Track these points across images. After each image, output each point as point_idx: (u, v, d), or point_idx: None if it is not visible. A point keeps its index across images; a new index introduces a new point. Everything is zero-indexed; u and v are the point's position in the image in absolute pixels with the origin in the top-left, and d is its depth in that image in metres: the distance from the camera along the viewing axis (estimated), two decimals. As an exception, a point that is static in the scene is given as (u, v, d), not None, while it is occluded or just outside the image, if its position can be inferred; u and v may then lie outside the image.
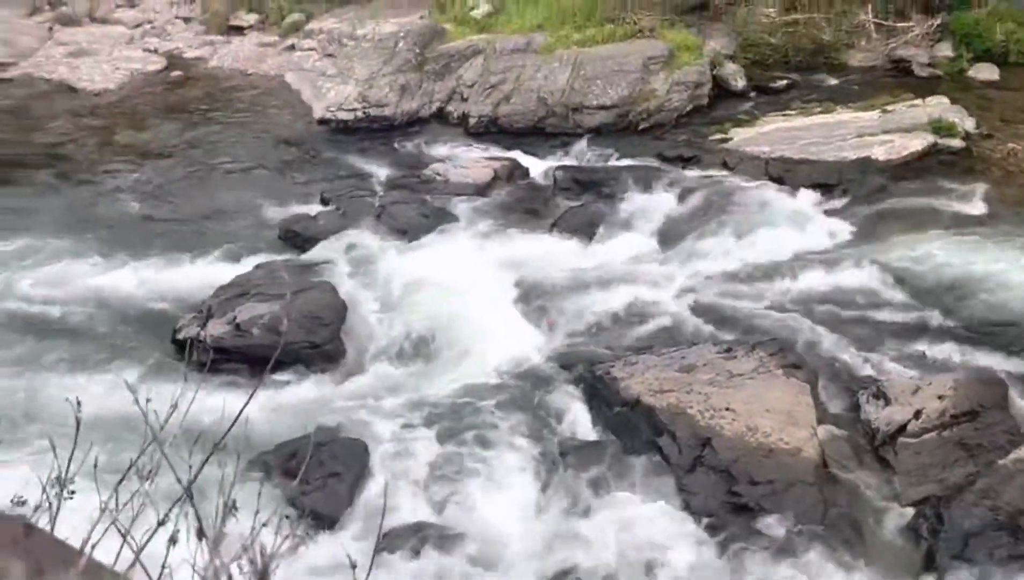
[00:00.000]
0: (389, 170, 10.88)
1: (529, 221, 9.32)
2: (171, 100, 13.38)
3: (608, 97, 11.54)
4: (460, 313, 7.50)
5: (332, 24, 14.59)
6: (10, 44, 14.89)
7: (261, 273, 8.19)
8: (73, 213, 9.82)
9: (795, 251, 8.40)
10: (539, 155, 11.00)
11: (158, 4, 17.15)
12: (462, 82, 12.45)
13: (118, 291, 8.14)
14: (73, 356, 7.10)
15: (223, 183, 10.71)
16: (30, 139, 11.94)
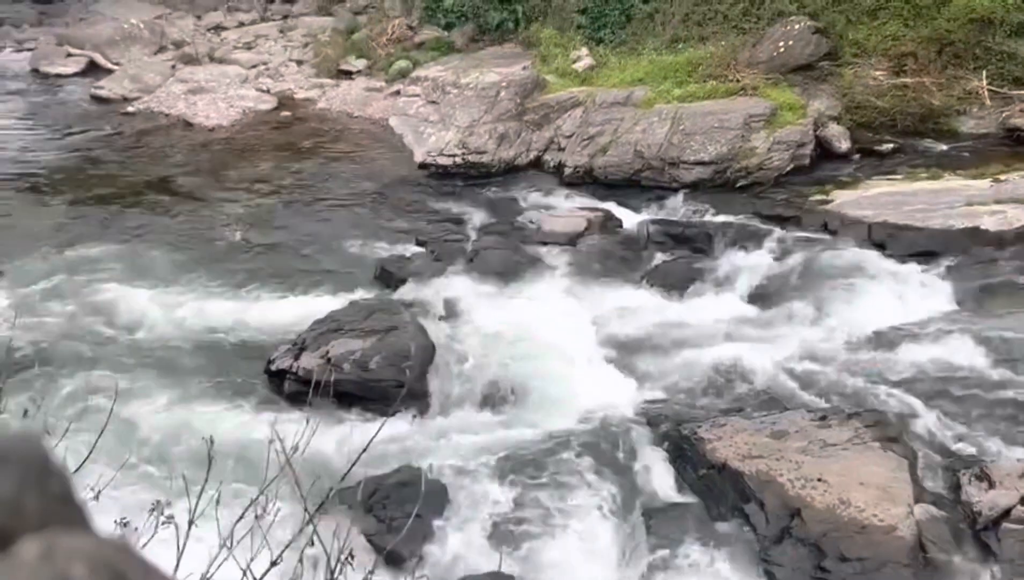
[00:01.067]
0: (484, 216, 11.02)
1: (620, 273, 9.29)
2: (280, 138, 13.92)
3: (707, 153, 11.48)
4: (547, 361, 7.49)
5: (437, 72, 14.98)
6: (137, 80, 15.80)
7: (355, 310, 8.35)
8: (181, 241, 10.26)
9: (896, 320, 8.11)
10: (633, 207, 10.98)
11: (273, 47, 17.96)
12: (560, 132, 12.58)
13: (218, 318, 8.44)
14: (174, 380, 7.36)
15: (324, 220, 11.04)
16: (146, 169, 12.58)
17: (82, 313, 8.48)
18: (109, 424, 2.79)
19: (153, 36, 17.98)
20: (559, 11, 15.39)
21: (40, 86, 16.26)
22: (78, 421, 2.65)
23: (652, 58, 13.65)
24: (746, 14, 13.79)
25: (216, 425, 5.79)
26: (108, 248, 9.90)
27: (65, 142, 13.51)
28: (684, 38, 13.95)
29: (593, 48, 14.47)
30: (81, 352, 7.81)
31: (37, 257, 9.52)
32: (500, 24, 15.83)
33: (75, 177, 12.26)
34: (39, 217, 10.78)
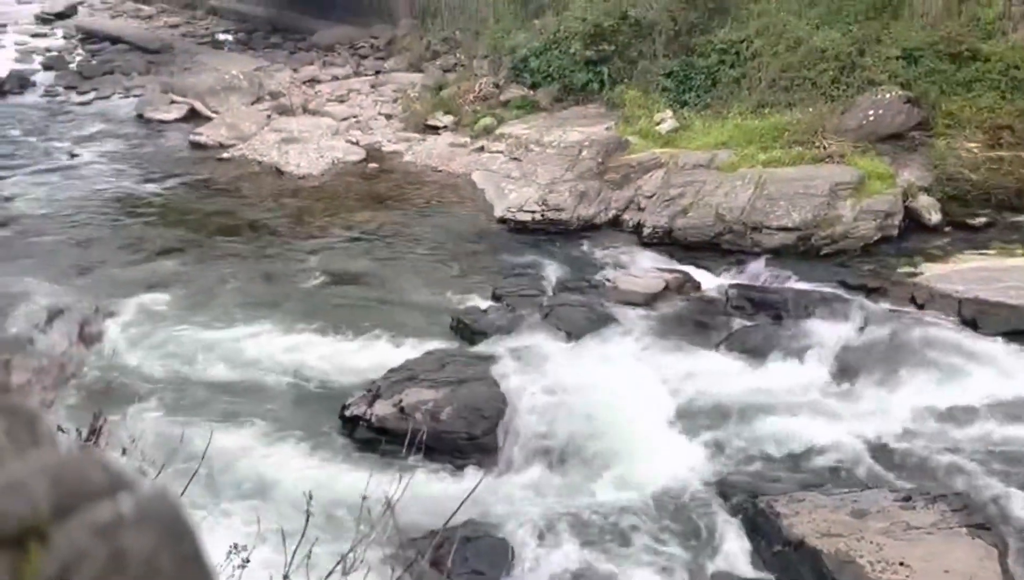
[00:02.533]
0: (560, 272, 11.04)
1: (697, 336, 9.15)
2: (366, 189, 14.28)
3: (791, 219, 11.31)
4: (619, 423, 7.38)
5: (521, 130, 15.21)
6: (234, 128, 16.48)
7: (430, 359, 8.43)
8: (266, 284, 10.56)
9: (987, 400, 7.77)
10: (713, 270, 10.86)
11: (364, 101, 18.53)
12: (641, 193, 12.58)
13: (299, 360, 8.61)
14: (253, 421, 7.50)
15: (403, 269, 11.22)
16: (237, 213, 13.04)
17: (169, 351, 8.75)
18: (183, 462, 2.85)
19: (251, 87, 18.77)
20: (644, 73, 15.52)
21: (144, 130, 17.08)
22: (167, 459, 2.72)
23: (737, 122, 13.60)
24: (835, 82, 13.66)
25: (292, 469, 5.88)
26: (197, 289, 10.24)
27: (163, 185, 14.12)
28: (771, 103, 13.88)
29: (677, 110, 14.51)
30: (169, 390, 8.04)
31: (131, 296, 9.90)
32: (585, 85, 16.03)
33: (170, 219, 12.78)
34: (134, 257, 11.25)
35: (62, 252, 11.22)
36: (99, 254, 11.21)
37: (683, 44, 15.43)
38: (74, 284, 10.13)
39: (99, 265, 10.83)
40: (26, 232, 11.73)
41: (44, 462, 0.39)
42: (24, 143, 15.62)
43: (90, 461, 0.41)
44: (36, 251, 11.16)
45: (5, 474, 0.37)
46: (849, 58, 13.63)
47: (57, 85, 19.74)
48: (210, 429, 6.75)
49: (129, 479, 0.40)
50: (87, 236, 11.80)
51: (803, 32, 14.16)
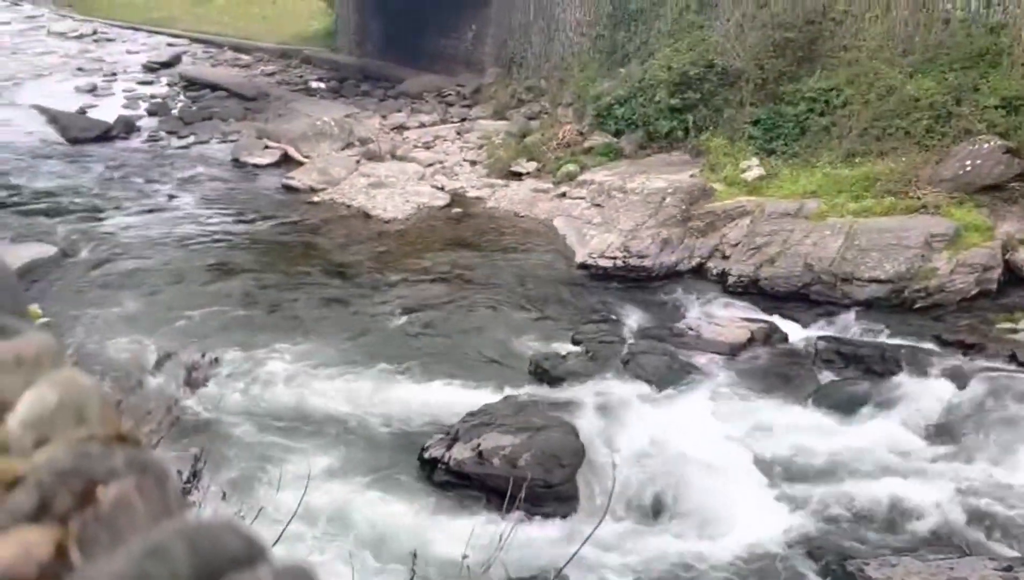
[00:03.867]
0: (642, 319, 10.94)
1: (784, 390, 8.91)
2: (449, 233, 14.49)
3: (882, 271, 10.97)
4: (701, 477, 7.21)
5: (604, 176, 15.24)
6: (324, 172, 16.99)
7: (508, 404, 8.42)
8: (350, 325, 10.75)
9: (1098, 466, 7.31)
10: (800, 322, 10.59)
11: (450, 147, 18.90)
12: (725, 241, 12.42)
13: (380, 401, 8.71)
14: (336, 460, 7.60)
15: (483, 312, 11.29)
16: (325, 255, 13.38)
17: (259, 392, 8.95)
18: (272, 505, 2.88)
19: (342, 133, 19.36)
20: (730, 121, 15.41)
21: (239, 174, 17.76)
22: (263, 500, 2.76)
23: (826, 171, 13.35)
24: (930, 131, 13.30)
25: (373, 512, 5.91)
26: (285, 330, 10.50)
27: (256, 226, 14.61)
28: (861, 152, 13.58)
29: (764, 158, 14.33)
30: (258, 430, 8.20)
31: (223, 337, 10.19)
32: (669, 132, 16.00)
33: (261, 261, 13.19)
34: (227, 297, 11.62)
35: (160, 291, 11.67)
36: (194, 294, 11.62)
37: (770, 92, 15.29)
38: (171, 324, 10.51)
39: (194, 305, 11.21)
40: (127, 272, 12.26)
41: (181, 527, 0.40)
42: (128, 185, 16.42)
43: (227, 527, 0.41)
44: (137, 291, 11.64)
45: (145, 539, 0.38)
46: (944, 107, 13.26)
47: (160, 130, 20.74)
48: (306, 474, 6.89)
49: (265, 548, 0.41)
50: (184, 276, 12.26)
51: (895, 80, 13.86)
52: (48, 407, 0.54)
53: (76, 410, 0.54)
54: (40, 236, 13.22)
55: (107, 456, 0.50)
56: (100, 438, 0.52)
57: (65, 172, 17.03)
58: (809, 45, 15.23)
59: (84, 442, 0.51)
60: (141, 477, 0.50)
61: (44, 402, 0.54)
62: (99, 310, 10.39)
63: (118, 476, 0.49)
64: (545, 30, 20.63)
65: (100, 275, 12.08)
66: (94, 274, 12.09)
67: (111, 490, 0.49)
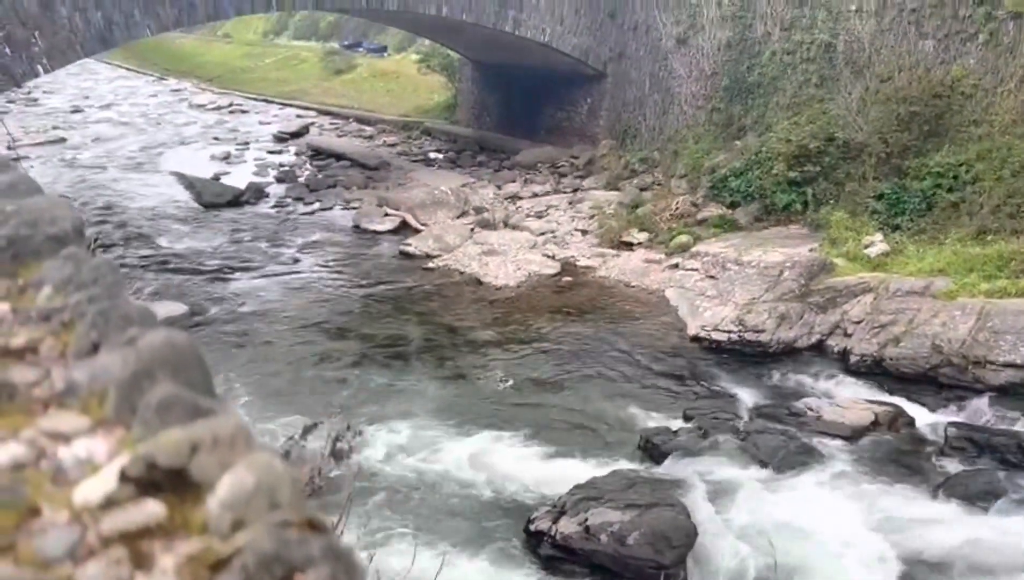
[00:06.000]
0: (757, 396, 10.61)
1: (911, 478, 8.42)
2: (559, 301, 14.53)
3: (1019, 355, 10.33)
4: (822, 569, 6.84)
5: (718, 248, 15.05)
6: (440, 240, 17.42)
7: (616, 479, 8.25)
8: (459, 390, 10.84)
9: None
10: (928, 406, 10.06)
11: (562, 217, 19.09)
12: (847, 318, 11.99)
13: (487, 470, 8.69)
14: (442, 528, 7.59)
15: (593, 383, 11.19)
16: (438, 319, 13.62)
17: (378, 458, 9.00)
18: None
19: (458, 202, 19.86)
20: (852, 195, 15.03)
21: (359, 240, 18.41)
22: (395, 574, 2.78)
23: (955, 248, 12.78)
24: (1070, 208, 12.60)
25: None
26: (398, 394, 10.68)
27: (372, 291, 15.04)
28: (994, 230, 12.97)
29: (888, 234, 13.86)
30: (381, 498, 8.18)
31: (344, 404, 10.41)
32: (787, 205, 15.72)
33: (377, 324, 13.53)
34: (344, 361, 11.93)
35: (283, 354, 12.09)
36: (315, 357, 11.99)
37: (894, 166, 14.86)
38: (295, 387, 10.84)
39: (315, 368, 11.57)
40: (252, 332, 12.79)
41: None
42: (255, 248, 17.23)
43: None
44: (260, 352, 12.11)
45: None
46: (1084, 183, 12.56)
47: (287, 197, 21.78)
48: (399, 535, 6.91)
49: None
50: (305, 339, 12.68)
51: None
52: (246, 490, 0.55)
53: (271, 493, 0.55)
54: (172, 295, 13.97)
55: (305, 543, 0.51)
56: (295, 524, 0.53)
57: (197, 234, 18.04)
58: (936, 119, 14.78)
59: (281, 527, 0.53)
60: (336, 566, 0.50)
61: (242, 484, 0.56)
62: (226, 371, 10.83)
63: (315, 565, 0.50)
64: (660, 103, 20.77)
65: (226, 334, 12.63)
66: (220, 334, 12.65)
67: (309, 578, 0.49)
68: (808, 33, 17.18)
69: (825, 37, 16.85)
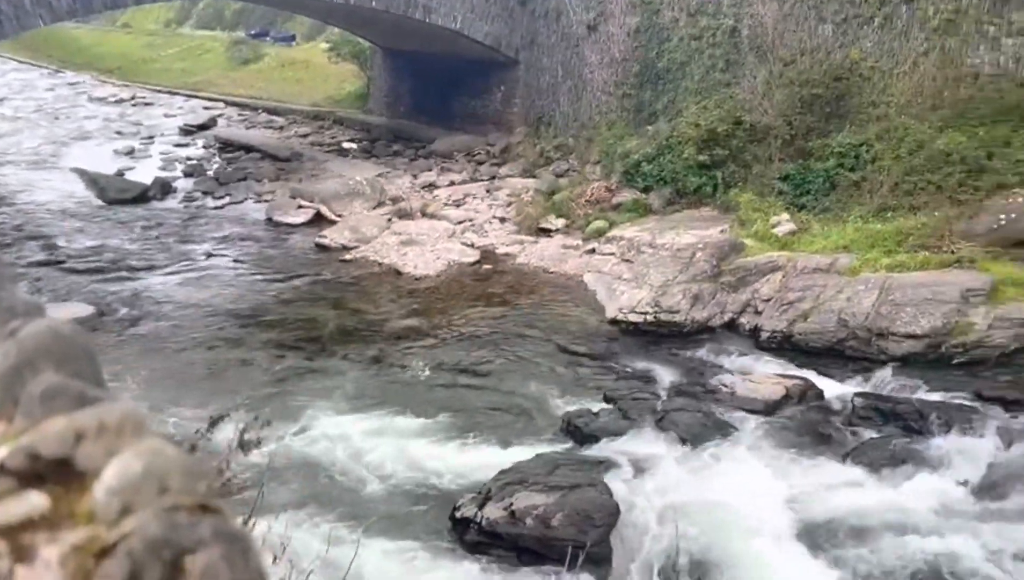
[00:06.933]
0: (674, 375, 10.85)
1: (821, 447, 8.75)
2: (479, 290, 14.55)
3: (918, 326, 10.83)
4: (738, 538, 7.06)
5: (633, 232, 15.29)
6: (356, 231, 17.20)
7: (540, 463, 8.32)
8: (379, 384, 10.75)
9: None
10: (835, 378, 10.45)
11: (480, 205, 19.09)
12: (758, 296, 12.34)
13: (410, 460, 8.65)
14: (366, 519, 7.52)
15: (514, 370, 11.25)
16: (357, 312, 13.47)
17: (293, 451, 8.90)
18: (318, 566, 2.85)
19: (373, 192, 19.64)
20: (760, 177, 15.45)
21: (272, 233, 18.03)
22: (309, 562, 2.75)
23: (858, 226, 13.28)
24: (962, 185, 13.22)
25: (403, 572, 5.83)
26: (318, 387, 10.53)
27: (288, 285, 14.78)
28: (893, 207, 13.52)
29: (794, 213, 14.31)
30: (298, 489, 8.09)
31: (256, 395, 10.24)
32: (698, 188, 16.06)
33: (294, 318, 13.30)
34: (260, 355, 11.69)
35: (196, 350, 11.78)
36: (230, 353, 11.72)
37: (799, 148, 15.34)
38: (209, 383, 10.59)
39: (230, 364, 11.31)
40: (163, 331, 12.41)
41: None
42: (164, 245, 16.71)
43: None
44: (173, 350, 11.77)
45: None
46: (976, 161, 13.20)
47: (195, 191, 21.17)
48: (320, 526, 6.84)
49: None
50: (220, 335, 12.38)
51: (925, 135, 13.85)
52: (133, 476, 0.54)
53: (160, 479, 0.54)
54: (78, 296, 13.45)
55: (195, 526, 0.50)
56: (185, 507, 0.52)
57: (102, 233, 17.39)
58: (837, 101, 15.32)
59: (170, 511, 0.52)
60: (228, 547, 0.50)
61: (129, 470, 0.55)
62: (136, 370, 10.50)
63: (206, 546, 0.50)
64: (573, 90, 20.93)
65: (137, 335, 12.24)
66: (131, 333, 12.25)
67: (199, 560, 0.49)
68: (714, 18, 17.57)
69: (730, 22, 17.26)
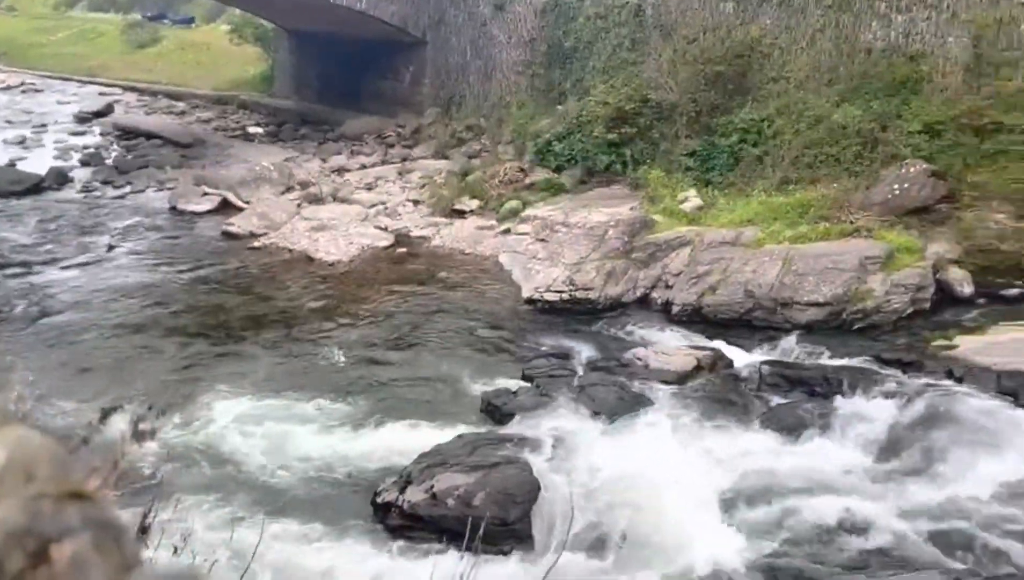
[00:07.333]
0: (590, 351, 11.01)
1: (731, 415, 9.02)
2: (394, 273, 14.44)
3: (820, 294, 11.25)
4: (655, 506, 7.23)
5: (546, 212, 15.40)
6: (265, 217, 16.83)
7: (460, 443, 8.35)
8: (296, 374, 10.58)
9: (1034, 475, 7.53)
10: (744, 347, 10.78)
11: (392, 188, 18.91)
12: (668, 271, 12.61)
13: (330, 449, 8.56)
14: (285, 508, 7.44)
15: (432, 352, 11.23)
16: (269, 300, 13.20)
17: (205, 442, 8.73)
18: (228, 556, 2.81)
19: (281, 177, 19.23)
20: (667, 154, 15.75)
21: (177, 222, 17.49)
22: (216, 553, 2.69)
23: (762, 199, 13.69)
24: (858, 157, 13.76)
25: (326, 560, 5.78)
26: (230, 378, 10.29)
27: (195, 275, 14.37)
28: (794, 180, 13.99)
29: (701, 189, 14.65)
30: (204, 480, 7.99)
31: (167, 388, 9.96)
32: (608, 166, 16.27)
33: (204, 309, 12.96)
34: (169, 347, 11.35)
35: (100, 344, 11.37)
36: (135, 346, 11.35)
37: (704, 124, 15.68)
38: (113, 377, 10.24)
39: (136, 357, 10.95)
40: (65, 326, 11.92)
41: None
42: (62, 237, 16.03)
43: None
44: (76, 345, 11.32)
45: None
46: (871, 134, 13.75)
47: (94, 180, 20.34)
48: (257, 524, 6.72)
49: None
50: (124, 328, 11.96)
51: (823, 109, 14.35)
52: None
53: (26, 468, 0.53)
54: (-30, 293, 12.81)
55: (60, 514, 0.50)
56: (52, 496, 0.51)
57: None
58: (739, 78, 15.70)
59: (36, 500, 0.51)
60: (98, 534, 0.49)
61: (-8, 462, 0.53)
62: (37, 366, 10.07)
63: (73, 534, 0.49)
64: (482, 70, 20.89)
65: (37, 330, 11.73)
66: (30, 330, 11.74)
67: (66, 548, 0.48)
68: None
69: (634, 1, 17.47)
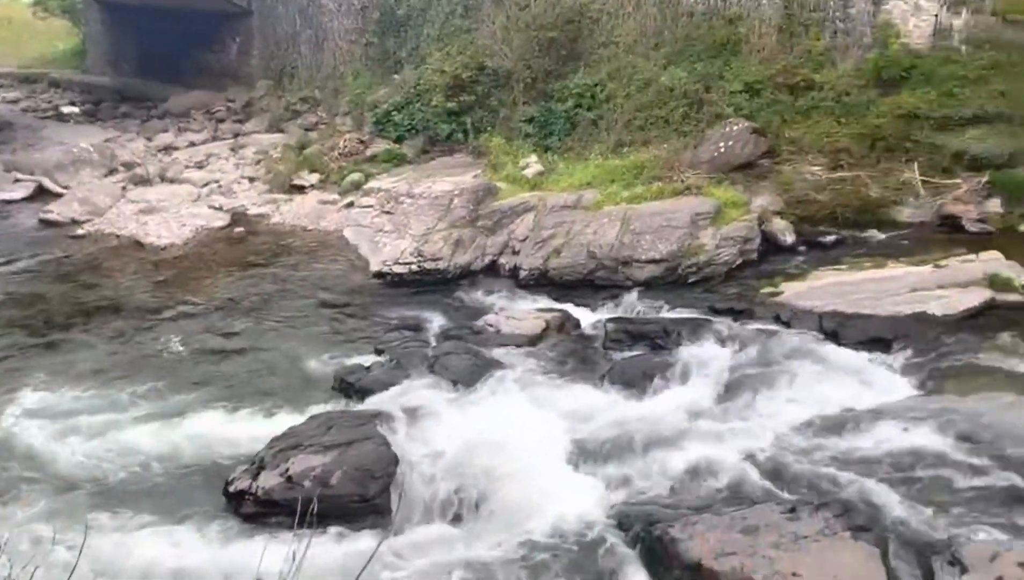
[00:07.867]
0: (442, 321, 11.03)
1: (581, 373, 9.29)
2: (233, 254, 13.90)
3: (657, 251, 11.73)
4: (512, 468, 7.36)
5: (390, 183, 15.22)
6: (87, 202, 15.76)
7: (315, 424, 8.19)
8: (130, 363, 10.04)
9: (854, 407, 8.19)
10: (590, 307, 11.10)
11: (225, 165, 18.12)
12: (514, 237, 12.78)
13: (173, 441, 8.20)
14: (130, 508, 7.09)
15: (280, 334, 10.93)
16: (96, 291, 12.41)
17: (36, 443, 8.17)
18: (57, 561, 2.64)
19: (103, 159, 18.05)
20: (506, 121, 15.87)
21: (-13, 212, 16.11)
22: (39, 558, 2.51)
23: (598, 162, 14.06)
24: (686, 118, 14.35)
25: (177, 555, 5.55)
26: (60, 374, 9.65)
27: (10, 268, 13.31)
28: (628, 142, 14.44)
29: (541, 155, 14.87)
30: (38, 483, 7.50)
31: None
32: (450, 135, 16.24)
33: (24, 303, 12.03)
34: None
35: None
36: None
37: (541, 91, 15.90)
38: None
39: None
40: None
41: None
42: None
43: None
44: None
45: None
46: (696, 95, 14.36)
47: None
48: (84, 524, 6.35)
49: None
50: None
51: (651, 73, 14.85)
52: None
53: None
54: None
55: None
56: None
57: None
58: (571, 43, 15.99)
59: None
60: None
61: None
62: None
63: None
64: (313, 39, 20.28)
65: None
66: None
67: None
68: (448, -36, 17.63)
69: (464, -33, 17.40)
